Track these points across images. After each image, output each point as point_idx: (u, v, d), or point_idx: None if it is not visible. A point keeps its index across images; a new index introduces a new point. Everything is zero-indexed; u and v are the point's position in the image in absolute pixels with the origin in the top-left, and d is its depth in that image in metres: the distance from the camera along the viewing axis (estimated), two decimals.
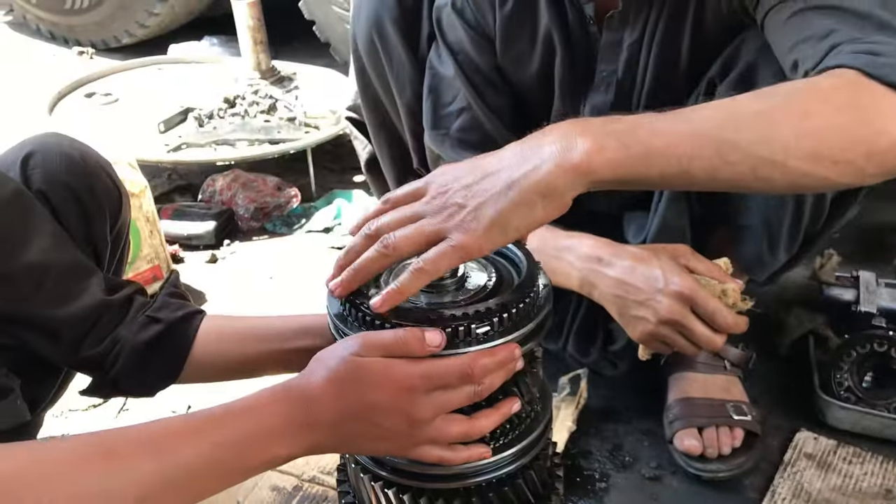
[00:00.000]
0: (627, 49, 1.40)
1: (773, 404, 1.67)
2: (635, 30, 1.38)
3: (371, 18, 1.58)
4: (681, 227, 1.45)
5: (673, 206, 1.44)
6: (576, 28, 1.42)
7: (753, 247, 1.39)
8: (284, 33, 3.59)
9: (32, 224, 1.15)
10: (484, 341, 0.90)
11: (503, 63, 1.51)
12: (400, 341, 0.87)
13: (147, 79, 3.16)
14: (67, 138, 1.32)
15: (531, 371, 0.98)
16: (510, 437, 0.99)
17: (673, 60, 1.37)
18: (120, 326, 1.20)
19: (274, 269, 2.26)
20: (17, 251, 1.11)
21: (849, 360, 1.61)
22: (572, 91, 1.48)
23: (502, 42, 1.49)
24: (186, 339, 1.22)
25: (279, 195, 2.50)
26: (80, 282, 1.18)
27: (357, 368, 0.87)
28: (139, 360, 1.20)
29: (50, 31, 4.14)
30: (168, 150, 2.53)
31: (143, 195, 1.99)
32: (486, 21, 1.49)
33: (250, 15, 2.84)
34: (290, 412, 0.87)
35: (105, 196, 1.30)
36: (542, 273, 1.00)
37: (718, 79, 1.34)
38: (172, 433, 0.85)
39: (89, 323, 1.18)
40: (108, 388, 1.24)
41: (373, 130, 1.78)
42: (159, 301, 1.24)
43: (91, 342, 1.19)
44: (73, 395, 1.75)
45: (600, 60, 1.42)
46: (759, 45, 1.27)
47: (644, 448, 1.59)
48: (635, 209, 1.58)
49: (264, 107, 2.77)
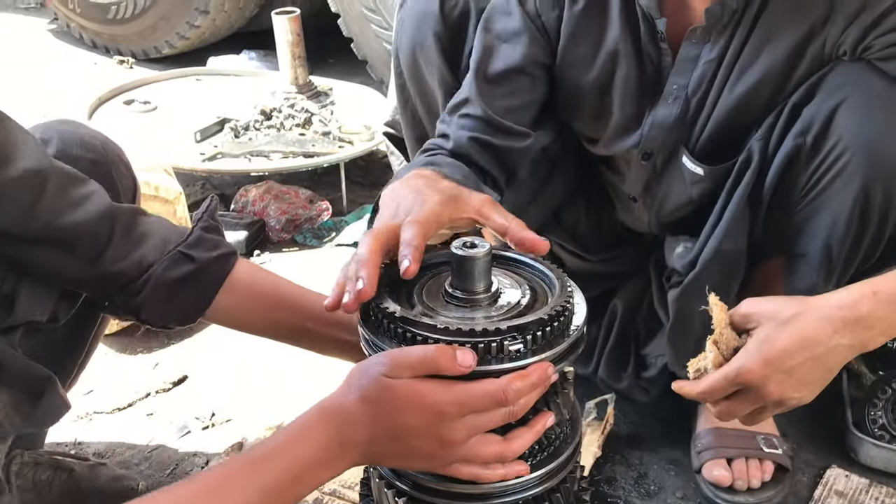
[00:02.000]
0: (703, 65, 1.38)
1: (804, 439, 1.64)
2: (715, 48, 1.36)
3: (414, 35, 1.58)
4: (737, 253, 1.40)
5: (734, 231, 1.38)
6: (647, 41, 1.41)
7: (808, 277, 1.35)
8: (322, 50, 3.63)
9: (23, 138, 1.11)
10: (516, 359, 0.89)
11: (561, 61, 1.49)
12: (429, 360, 0.87)
13: (185, 89, 3.20)
14: (87, 127, 1.33)
15: (563, 392, 0.97)
16: (538, 459, 0.98)
17: (753, 85, 1.34)
18: (143, 248, 1.17)
19: (302, 280, 2.25)
20: (11, 160, 1.08)
21: (883, 398, 1.57)
22: (637, 102, 1.46)
23: (566, 40, 1.46)
24: (216, 282, 1.21)
25: (311, 208, 2.51)
26: (81, 186, 1.15)
27: (388, 391, 0.87)
28: (165, 295, 1.18)
29: (92, 40, 4.21)
30: (203, 159, 2.55)
31: (178, 201, 2.01)
32: (547, 16, 1.46)
33: (290, 30, 2.87)
34: (330, 437, 0.88)
35: (123, 185, 1.30)
36: (576, 290, 0.99)
37: (802, 103, 1.31)
38: (228, 481, 0.87)
39: (104, 234, 1.15)
40: (128, 314, 1.23)
41: (411, 146, 1.78)
42: (195, 235, 1.21)
43: (113, 257, 1.16)
44: (97, 397, 1.77)
45: (673, 73, 1.40)
46: (850, 73, 1.26)
47: (670, 477, 1.57)
48: (678, 232, 1.55)
49: (300, 120, 2.79)
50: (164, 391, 1.82)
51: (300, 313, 1.25)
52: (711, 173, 1.43)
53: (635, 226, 1.70)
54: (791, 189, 1.33)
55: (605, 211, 1.75)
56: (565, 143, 1.64)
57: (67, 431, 1.67)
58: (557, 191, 1.71)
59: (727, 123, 1.39)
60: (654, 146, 1.48)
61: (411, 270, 0.95)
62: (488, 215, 1.09)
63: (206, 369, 1.89)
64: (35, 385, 1.10)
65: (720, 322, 1.11)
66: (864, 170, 1.24)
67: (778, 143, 1.33)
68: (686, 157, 1.45)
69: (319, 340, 1.26)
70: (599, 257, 1.75)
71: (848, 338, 1.06)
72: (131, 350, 1.94)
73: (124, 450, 1.64)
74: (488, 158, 1.44)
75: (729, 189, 1.39)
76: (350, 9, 3.26)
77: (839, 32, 1.27)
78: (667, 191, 1.54)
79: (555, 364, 0.91)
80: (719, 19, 1.33)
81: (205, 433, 1.69)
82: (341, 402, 0.89)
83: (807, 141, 1.28)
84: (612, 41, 1.43)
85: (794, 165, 1.31)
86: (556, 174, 1.69)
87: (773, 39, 1.32)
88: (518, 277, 1.02)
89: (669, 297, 1.49)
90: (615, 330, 1.63)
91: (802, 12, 1.29)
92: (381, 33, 3.21)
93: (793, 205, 1.34)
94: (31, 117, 1.21)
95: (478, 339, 0.88)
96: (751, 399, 1.11)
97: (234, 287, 1.22)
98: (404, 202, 1.11)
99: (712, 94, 1.39)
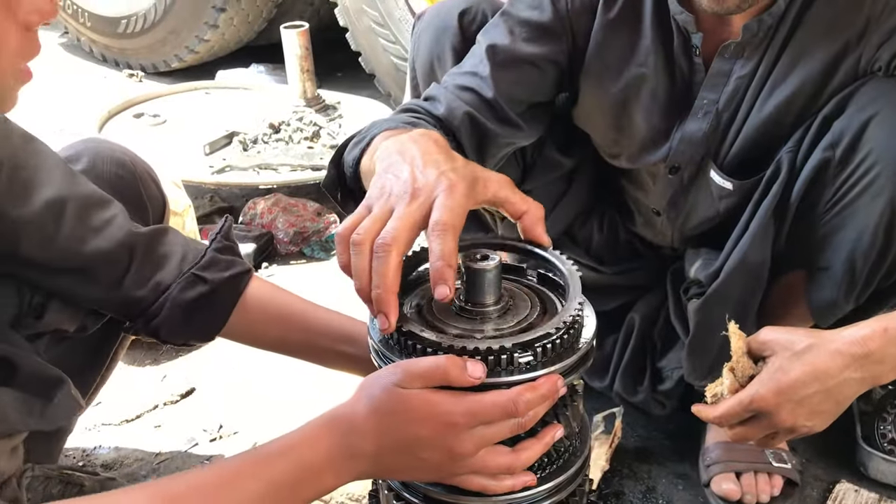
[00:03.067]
0: (735, 81, 1.37)
1: (813, 453, 1.63)
2: (748, 63, 1.36)
3: (433, 48, 1.58)
4: (761, 264, 1.40)
5: (759, 242, 1.38)
6: (679, 55, 1.41)
7: (830, 290, 1.34)
8: (330, 63, 3.65)
9: (44, 164, 1.14)
10: (526, 371, 0.89)
11: (587, 68, 1.47)
12: (440, 370, 0.87)
13: (194, 102, 3.22)
14: (117, 144, 1.35)
15: (572, 404, 0.97)
16: (547, 472, 0.97)
17: (785, 100, 1.34)
18: (162, 273, 1.20)
19: (310, 293, 2.25)
20: (33, 191, 1.11)
21: (893, 412, 1.57)
22: (665, 116, 1.45)
23: (595, 48, 1.45)
24: (230, 303, 1.23)
25: (318, 221, 2.52)
26: (101, 211, 1.18)
27: (399, 401, 0.87)
28: (181, 317, 1.21)
29: (102, 53, 4.24)
30: (212, 171, 2.57)
31: (187, 214, 2.02)
32: (577, 20, 1.44)
33: (299, 44, 2.89)
34: (337, 444, 0.88)
35: (151, 201, 1.33)
36: (587, 303, 0.99)
37: (833, 116, 1.30)
38: (232, 475, 0.88)
39: (123, 261, 1.18)
40: (148, 335, 1.26)
41: None
42: (208, 257, 1.24)
43: (132, 283, 1.19)
44: (105, 409, 1.77)
45: (703, 87, 1.40)
46: (882, 88, 1.26)
47: (678, 491, 1.56)
48: (699, 245, 1.54)
49: (308, 133, 2.81)
50: (172, 403, 1.82)
51: (309, 330, 1.27)
52: (740, 188, 1.42)
53: (657, 240, 1.69)
54: (817, 202, 1.32)
55: (619, 225, 1.74)
56: (583, 159, 1.64)
57: (75, 442, 1.67)
58: (571, 209, 1.71)
59: (757, 139, 1.38)
60: (682, 160, 1.47)
61: (450, 297, 0.89)
62: (507, 198, 0.99)
63: (214, 381, 1.89)
64: (48, 386, 1.11)
65: (738, 350, 1.14)
66: (892, 185, 1.23)
67: (806, 156, 1.32)
68: (714, 171, 1.44)
69: (327, 355, 1.28)
70: (614, 269, 1.74)
71: (859, 372, 1.08)
72: (139, 362, 1.95)
73: (132, 462, 1.65)
74: (474, 140, 1.39)
75: (756, 200, 1.38)
76: (358, 23, 3.28)
77: (874, 49, 1.27)
78: (693, 205, 1.53)
79: (564, 376, 0.91)
80: (755, 34, 1.32)
81: (212, 445, 1.69)
82: (351, 412, 0.89)
83: (836, 154, 1.28)
84: (643, 53, 1.42)
85: (821, 178, 1.30)
86: (570, 193, 1.69)
87: (806, 56, 1.31)
88: (528, 290, 1.02)
89: (690, 309, 1.49)
90: (632, 344, 1.63)
91: (838, 29, 1.29)
92: (389, 47, 3.23)
93: (818, 217, 1.33)
94: (41, 130, 1.23)
95: (488, 351, 0.88)
96: (763, 425, 1.14)
97: (246, 306, 1.25)
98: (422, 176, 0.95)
99: (743, 110, 1.38)
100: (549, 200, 1.64)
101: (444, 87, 1.42)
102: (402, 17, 3.14)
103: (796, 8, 1.30)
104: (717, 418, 1.15)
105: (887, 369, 1.09)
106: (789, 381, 1.09)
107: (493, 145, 1.43)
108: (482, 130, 1.39)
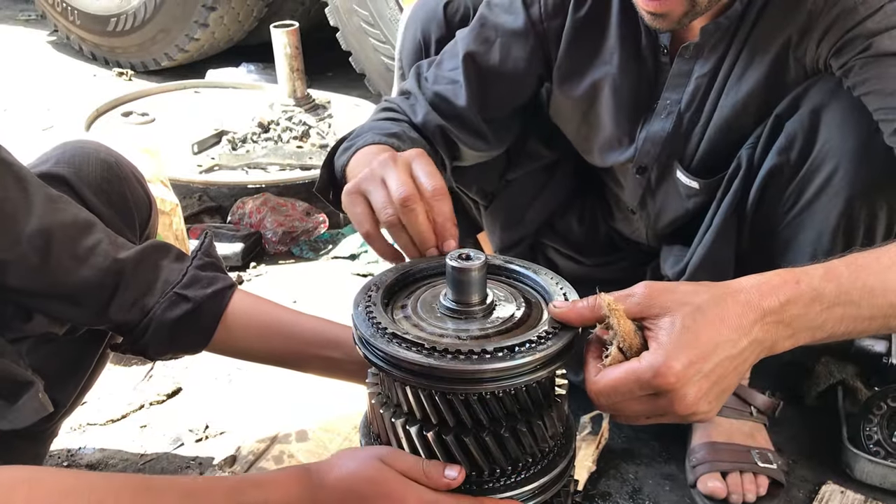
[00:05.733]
0: (696, 81, 1.39)
1: (799, 454, 1.64)
2: (707, 63, 1.37)
3: (418, 38, 1.61)
4: (725, 261, 1.41)
5: (721, 239, 1.40)
6: (647, 55, 1.42)
7: None
8: (320, 63, 3.64)
9: (27, 194, 1.14)
10: (505, 490, 0.94)
11: (556, 68, 1.49)
12: (421, 472, 0.93)
13: (184, 101, 3.21)
14: (102, 145, 1.35)
15: (556, 404, 0.97)
16: (531, 472, 0.97)
17: (742, 99, 1.36)
18: (147, 296, 1.21)
19: (298, 293, 2.26)
20: (17, 227, 1.12)
21: (879, 413, 1.57)
22: (630, 115, 1.47)
23: (565, 48, 1.47)
24: (213, 319, 1.24)
25: (307, 220, 2.51)
26: (84, 238, 1.18)
27: (377, 472, 0.93)
28: (166, 336, 1.22)
29: (92, 52, 4.23)
30: (200, 170, 2.56)
31: (174, 213, 2.01)
32: (549, 24, 1.46)
33: (289, 43, 2.88)
34: (305, 495, 0.94)
35: (137, 203, 1.32)
36: (571, 291, 0.98)
37: (786, 115, 1.32)
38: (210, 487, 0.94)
39: (109, 287, 1.19)
40: (135, 353, 1.27)
41: None
42: (189, 276, 1.24)
43: (118, 308, 1.20)
44: (90, 409, 1.76)
45: (666, 88, 1.42)
46: (832, 87, 1.26)
47: (665, 492, 1.56)
48: (673, 242, 1.56)
49: (297, 133, 2.80)
50: (158, 403, 1.81)
51: (294, 339, 1.28)
52: (707, 186, 1.44)
53: (634, 236, 1.71)
54: (776, 203, 1.34)
55: (599, 219, 1.76)
56: (566, 152, 1.65)
57: (61, 443, 1.66)
58: (552, 199, 1.73)
59: (720, 138, 1.40)
60: (647, 161, 1.48)
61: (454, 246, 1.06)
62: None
63: (200, 382, 1.88)
64: (13, 387, 1.11)
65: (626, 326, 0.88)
66: (848, 185, 1.24)
67: (763, 154, 1.34)
68: (680, 171, 1.46)
69: (315, 363, 1.28)
70: (594, 261, 1.76)
71: (762, 333, 0.88)
72: (126, 362, 1.93)
73: (117, 462, 1.64)
74: (446, 149, 1.49)
75: (720, 198, 1.40)
76: (348, 23, 3.28)
77: (815, 46, 1.28)
78: (662, 204, 1.55)
79: (547, 367, 0.90)
80: (712, 35, 1.34)
81: (198, 445, 1.68)
82: (327, 470, 0.95)
83: (790, 157, 1.29)
84: (608, 52, 1.44)
85: (776, 181, 1.32)
86: (552, 184, 1.71)
87: (759, 54, 1.33)
88: (512, 289, 1.02)
89: None
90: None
91: (784, 26, 1.30)
92: (379, 47, 3.22)
93: (779, 218, 1.35)
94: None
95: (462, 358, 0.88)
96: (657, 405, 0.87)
97: (230, 321, 1.25)
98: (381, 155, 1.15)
99: (706, 110, 1.40)
100: (531, 190, 1.69)
101: (423, 91, 1.47)
102: (393, 16, 3.14)
103: (756, 8, 1.31)
104: (602, 392, 0.87)
105: (787, 335, 0.90)
106: (701, 345, 0.84)
107: (464, 156, 1.53)
108: (452, 142, 1.48)
